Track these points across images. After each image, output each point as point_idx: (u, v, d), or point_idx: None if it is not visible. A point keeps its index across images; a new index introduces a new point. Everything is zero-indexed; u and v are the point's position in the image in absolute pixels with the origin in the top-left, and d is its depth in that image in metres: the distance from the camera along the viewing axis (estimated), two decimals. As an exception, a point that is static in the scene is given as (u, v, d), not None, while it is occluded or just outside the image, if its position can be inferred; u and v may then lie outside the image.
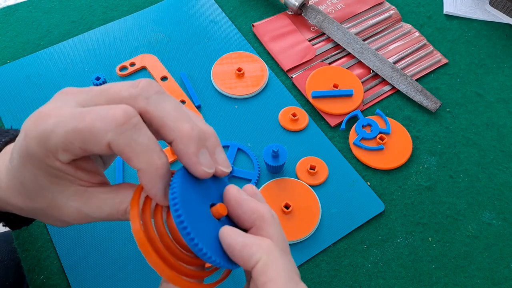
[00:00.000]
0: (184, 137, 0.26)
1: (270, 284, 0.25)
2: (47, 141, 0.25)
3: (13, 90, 0.55)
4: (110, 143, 0.24)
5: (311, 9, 0.62)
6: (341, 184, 0.49)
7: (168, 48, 0.59)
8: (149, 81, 0.27)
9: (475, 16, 0.64)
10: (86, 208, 0.28)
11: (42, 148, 0.25)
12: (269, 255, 0.26)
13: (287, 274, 0.25)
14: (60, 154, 0.25)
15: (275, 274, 0.25)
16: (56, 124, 0.25)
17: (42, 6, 0.63)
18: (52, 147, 0.25)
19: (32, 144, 0.25)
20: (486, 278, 0.44)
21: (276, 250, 0.26)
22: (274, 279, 0.25)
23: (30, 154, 0.26)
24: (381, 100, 0.56)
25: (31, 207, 0.29)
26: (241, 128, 0.53)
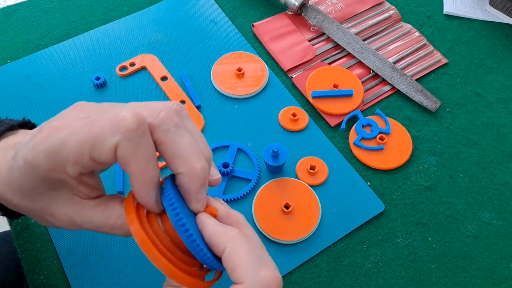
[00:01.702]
0: (193, 175, 0.27)
1: (237, 270, 0.26)
2: (58, 154, 0.25)
3: (13, 90, 0.55)
4: (117, 146, 0.25)
5: (311, 9, 0.62)
6: (341, 184, 0.49)
7: (168, 48, 0.59)
8: (170, 112, 0.28)
9: (475, 16, 0.64)
10: (77, 217, 0.29)
11: (50, 162, 0.26)
12: (235, 244, 0.27)
13: (252, 259, 0.27)
14: (70, 167, 0.26)
15: (240, 261, 0.26)
16: (68, 135, 0.25)
17: (42, 6, 0.63)
18: (62, 159, 0.26)
19: (39, 157, 0.26)
20: (486, 278, 0.44)
21: (242, 238, 0.27)
22: (239, 265, 0.26)
23: (34, 166, 0.26)
24: (381, 100, 0.56)
25: (26, 207, 0.29)
26: (241, 128, 0.53)
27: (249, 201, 0.47)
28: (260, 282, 0.26)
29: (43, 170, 0.26)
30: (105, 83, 0.55)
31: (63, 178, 0.27)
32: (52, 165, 0.26)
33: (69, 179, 0.27)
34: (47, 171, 0.26)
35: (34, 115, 0.52)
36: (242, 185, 0.48)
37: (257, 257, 0.27)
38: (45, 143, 0.26)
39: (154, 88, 0.55)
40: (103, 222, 0.29)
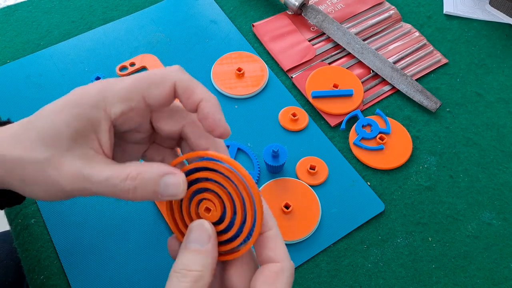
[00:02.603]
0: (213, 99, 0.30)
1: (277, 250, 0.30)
2: (111, 88, 0.28)
3: (13, 90, 0.55)
4: (176, 81, 0.29)
5: (311, 9, 0.62)
6: (341, 184, 0.49)
7: (168, 48, 0.59)
8: (178, 67, 0.31)
9: (475, 16, 0.64)
10: (87, 169, 0.28)
11: (100, 95, 0.28)
12: (278, 229, 0.31)
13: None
14: (116, 104, 0.28)
15: (281, 244, 0.30)
16: (125, 78, 0.29)
17: (42, 6, 0.63)
18: (113, 94, 0.28)
19: (92, 90, 0.28)
20: (486, 278, 0.44)
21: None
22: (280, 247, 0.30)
23: (81, 101, 0.28)
24: (381, 100, 0.56)
25: (30, 158, 0.28)
26: (241, 128, 0.53)
27: (249, 201, 0.47)
28: (291, 267, 0.29)
29: (87, 106, 0.28)
30: (105, 83, 0.55)
31: (99, 118, 0.28)
32: (99, 99, 0.28)
33: (104, 120, 0.28)
34: (91, 107, 0.28)
35: (34, 115, 0.53)
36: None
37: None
38: (104, 81, 0.29)
39: (154, 88, 0.55)
40: (116, 173, 0.28)
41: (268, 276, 0.28)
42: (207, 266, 0.28)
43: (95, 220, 0.46)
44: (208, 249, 0.28)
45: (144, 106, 0.29)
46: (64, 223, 0.45)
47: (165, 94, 0.29)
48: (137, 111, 0.29)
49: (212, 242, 0.29)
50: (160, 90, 0.29)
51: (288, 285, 0.28)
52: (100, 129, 0.29)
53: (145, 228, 0.45)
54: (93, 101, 0.28)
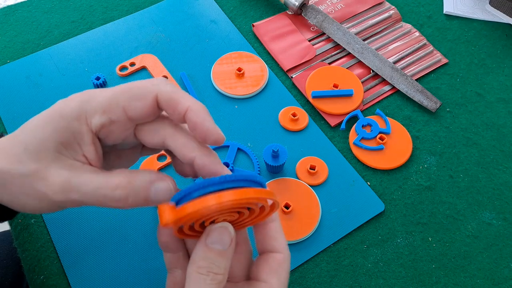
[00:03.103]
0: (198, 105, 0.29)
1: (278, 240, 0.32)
2: (92, 100, 0.28)
3: (13, 90, 0.55)
4: (158, 94, 0.28)
5: (311, 9, 0.62)
6: (341, 184, 0.49)
7: (168, 48, 0.59)
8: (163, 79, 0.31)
9: (475, 16, 0.64)
10: (74, 179, 0.28)
11: (80, 108, 0.28)
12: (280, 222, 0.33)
13: None
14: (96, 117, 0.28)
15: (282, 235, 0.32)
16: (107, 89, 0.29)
17: (42, 6, 0.63)
18: (94, 106, 0.28)
19: (73, 102, 0.28)
20: (486, 278, 0.44)
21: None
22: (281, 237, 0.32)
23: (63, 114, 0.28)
24: (381, 100, 0.56)
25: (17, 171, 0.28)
26: (241, 128, 0.53)
27: (249, 201, 0.47)
28: (290, 257, 0.32)
29: (69, 118, 0.28)
30: (105, 83, 0.55)
31: (82, 130, 0.28)
32: (81, 112, 0.28)
33: (86, 132, 0.28)
34: (73, 119, 0.28)
35: (34, 115, 0.52)
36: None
37: None
38: (85, 93, 0.29)
39: (154, 88, 0.55)
40: (105, 182, 0.28)
41: (272, 265, 0.30)
42: (227, 268, 0.29)
43: (95, 221, 0.46)
44: (230, 252, 0.29)
45: (126, 119, 0.29)
46: (64, 223, 0.45)
47: (146, 108, 0.28)
48: (118, 124, 0.29)
49: (233, 245, 0.29)
50: (142, 103, 0.28)
51: (288, 273, 0.31)
52: (84, 142, 0.28)
53: (145, 228, 0.45)
54: (75, 114, 0.28)
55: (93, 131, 0.28)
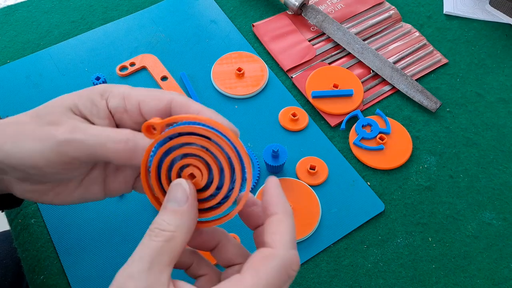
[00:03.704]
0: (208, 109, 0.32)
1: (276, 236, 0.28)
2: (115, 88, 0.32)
3: (13, 90, 0.55)
4: (174, 99, 0.31)
5: (311, 9, 0.62)
6: (341, 184, 0.49)
7: (168, 48, 0.59)
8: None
9: (475, 16, 0.64)
10: (82, 124, 0.30)
11: (105, 89, 0.32)
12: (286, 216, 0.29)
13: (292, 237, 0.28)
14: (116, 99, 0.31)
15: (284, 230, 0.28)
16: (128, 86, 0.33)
17: (42, 6, 0.63)
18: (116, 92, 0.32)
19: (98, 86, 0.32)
20: (486, 278, 0.44)
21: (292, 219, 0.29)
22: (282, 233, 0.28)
23: (88, 88, 0.32)
24: (381, 100, 0.56)
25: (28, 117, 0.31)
26: (241, 128, 0.53)
27: (249, 201, 0.47)
28: (290, 257, 0.27)
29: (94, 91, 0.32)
30: (105, 83, 0.55)
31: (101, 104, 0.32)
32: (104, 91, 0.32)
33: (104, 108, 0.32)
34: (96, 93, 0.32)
35: (34, 115, 0.52)
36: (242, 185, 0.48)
37: (294, 240, 0.29)
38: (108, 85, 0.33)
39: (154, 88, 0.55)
40: (110, 129, 0.30)
41: (254, 259, 0.27)
42: (181, 226, 0.27)
43: (95, 221, 0.46)
44: (185, 209, 0.27)
45: (138, 113, 0.31)
46: (64, 223, 0.45)
47: (159, 107, 0.31)
48: (130, 114, 0.31)
49: (190, 202, 0.28)
50: (156, 102, 0.31)
51: (277, 273, 0.26)
52: (99, 114, 0.31)
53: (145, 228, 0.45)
54: (99, 90, 0.32)
55: (109, 107, 0.31)
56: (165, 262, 0.26)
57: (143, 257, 0.26)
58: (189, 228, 0.27)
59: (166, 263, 0.26)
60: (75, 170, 0.31)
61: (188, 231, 0.27)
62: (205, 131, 0.28)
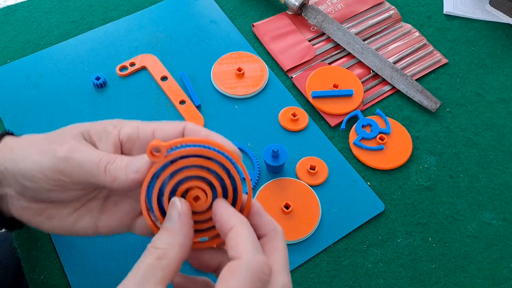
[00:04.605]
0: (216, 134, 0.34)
1: (239, 246, 0.28)
2: (131, 121, 0.34)
3: (13, 90, 0.55)
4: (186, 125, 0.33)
5: (311, 9, 0.62)
6: (341, 184, 0.49)
7: (168, 48, 0.59)
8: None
9: (475, 16, 0.64)
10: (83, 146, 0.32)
11: (119, 121, 0.34)
12: (242, 225, 0.29)
13: (254, 244, 0.28)
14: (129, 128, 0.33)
15: (244, 240, 0.28)
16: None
17: (42, 6, 0.63)
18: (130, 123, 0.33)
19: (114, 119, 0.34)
20: (486, 278, 0.44)
21: (249, 225, 0.29)
22: (243, 243, 0.28)
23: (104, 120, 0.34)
24: (381, 100, 0.56)
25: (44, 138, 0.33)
26: (241, 128, 0.53)
27: (249, 201, 0.47)
28: (257, 262, 0.27)
29: (107, 122, 0.34)
30: (105, 83, 0.55)
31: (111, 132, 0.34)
32: (118, 122, 0.34)
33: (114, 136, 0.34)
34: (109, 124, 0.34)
35: (34, 115, 0.52)
36: (242, 185, 0.48)
37: (258, 245, 0.28)
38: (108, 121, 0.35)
39: (154, 88, 0.55)
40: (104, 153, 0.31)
41: (223, 275, 0.26)
42: (173, 244, 0.27)
43: (95, 220, 0.46)
44: (176, 227, 0.28)
45: (150, 140, 0.32)
46: (64, 223, 0.45)
47: (174, 132, 0.32)
48: (143, 141, 0.33)
49: (182, 220, 0.28)
50: (170, 128, 0.32)
51: (249, 282, 0.26)
52: (107, 140, 0.32)
53: (145, 228, 0.45)
54: (114, 122, 0.33)
55: (120, 137, 0.32)
56: (157, 279, 0.26)
57: (136, 274, 0.26)
58: (181, 245, 0.28)
59: (158, 280, 0.26)
60: (69, 191, 0.32)
61: (180, 249, 0.28)
62: (207, 152, 0.29)
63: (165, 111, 0.53)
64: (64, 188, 0.32)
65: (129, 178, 0.30)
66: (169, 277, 0.27)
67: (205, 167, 0.29)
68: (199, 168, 0.29)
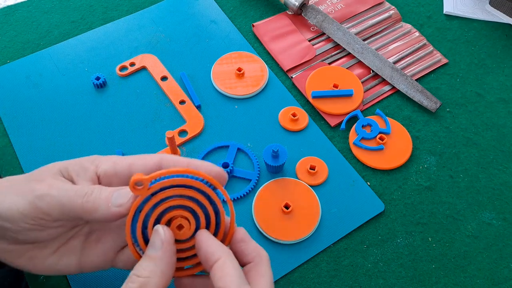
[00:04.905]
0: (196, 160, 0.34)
1: (226, 278, 0.28)
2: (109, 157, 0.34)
3: (13, 90, 0.55)
4: (162, 157, 0.33)
5: (311, 9, 0.62)
6: (341, 184, 0.49)
7: (168, 48, 0.59)
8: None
9: (475, 16, 0.64)
10: (61, 184, 0.32)
11: (96, 157, 0.35)
12: (229, 257, 0.30)
13: (241, 276, 0.29)
14: (106, 164, 0.33)
15: (231, 272, 0.29)
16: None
17: (42, 6, 0.63)
18: (107, 158, 0.34)
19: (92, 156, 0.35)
20: (486, 278, 0.44)
21: (233, 257, 0.30)
22: (229, 274, 0.28)
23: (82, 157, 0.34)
24: (381, 100, 0.56)
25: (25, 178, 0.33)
26: (241, 128, 0.53)
27: (249, 201, 0.47)
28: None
29: (85, 159, 0.34)
30: (105, 83, 0.55)
31: (89, 168, 0.34)
32: (96, 159, 0.35)
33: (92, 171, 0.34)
34: (87, 160, 0.34)
35: (34, 115, 0.52)
36: (242, 185, 0.48)
37: (243, 277, 0.29)
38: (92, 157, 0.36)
39: (154, 88, 0.55)
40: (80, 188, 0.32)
41: None
42: (155, 271, 0.28)
43: (95, 220, 0.46)
44: (158, 255, 0.28)
45: (128, 174, 0.33)
46: (64, 223, 0.45)
47: (149, 165, 0.33)
48: (120, 176, 0.33)
49: (165, 247, 0.29)
50: (146, 161, 0.33)
51: None
52: (85, 176, 0.33)
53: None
54: (91, 159, 0.34)
55: (97, 172, 0.33)
56: None
57: None
58: (163, 273, 0.28)
59: None
60: (48, 229, 0.32)
61: (162, 276, 0.28)
62: (186, 181, 0.29)
63: (165, 111, 0.53)
64: (43, 227, 0.32)
65: (111, 212, 0.30)
66: None
67: (186, 196, 0.30)
68: (181, 197, 0.30)
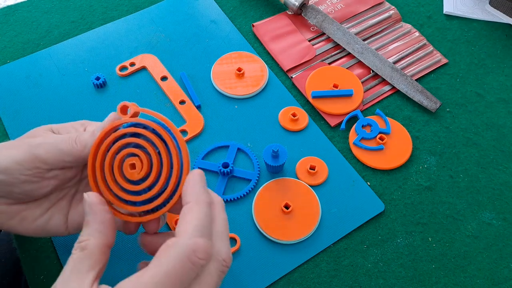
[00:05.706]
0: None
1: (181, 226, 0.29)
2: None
3: (13, 90, 0.55)
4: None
5: (311, 9, 0.62)
6: (341, 184, 0.49)
7: (168, 48, 0.59)
8: None
9: (475, 16, 0.64)
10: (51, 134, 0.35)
11: None
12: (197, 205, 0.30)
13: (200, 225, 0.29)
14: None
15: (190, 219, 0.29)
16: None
17: (42, 6, 0.63)
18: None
19: None
20: (486, 278, 0.44)
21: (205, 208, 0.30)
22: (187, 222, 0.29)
23: None
24: (381, 100, 0.56)
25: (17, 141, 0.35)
26: (241, 128, 0.53)
27: (249, 201, 0.47)
28: (191, 243, 0.27)
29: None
30: (105, 83, 0.55)
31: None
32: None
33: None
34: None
35: (34, 115, 0.52)
36: (242, 185, 0.48)
37: (206, 228, 0.29)
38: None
39: (154, 88, 0.55)
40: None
41: (160, 250, 0.28)
42: (92, 233, 0.29)
43: (95, 220, 0.46)
44: (90, 218, 0.30)
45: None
46: (64, 223, 0.45)
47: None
48: None
49: (93, 209, 0.30)
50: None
51: (178, 261, 0.27)
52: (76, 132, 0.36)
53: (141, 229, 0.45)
54: (79, 122, 0.38)
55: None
56: (85, 269, 0.28)
57: (66, 270, 0.28)
58: (100, 231, 0.30)
59: (88, 268, 0.28)
60: (44, 180, 0.34)
61: (100, 235, 0.29)
62: (159, 128, 0.31)
63: (165, 111, 0.53)
64: (39, 178, 0.33)
65: (96, 137, 0.32)
66: (98, 262, 0.29)
67: (153, 142, 0.31)
68: (148, 141, 0.31)
